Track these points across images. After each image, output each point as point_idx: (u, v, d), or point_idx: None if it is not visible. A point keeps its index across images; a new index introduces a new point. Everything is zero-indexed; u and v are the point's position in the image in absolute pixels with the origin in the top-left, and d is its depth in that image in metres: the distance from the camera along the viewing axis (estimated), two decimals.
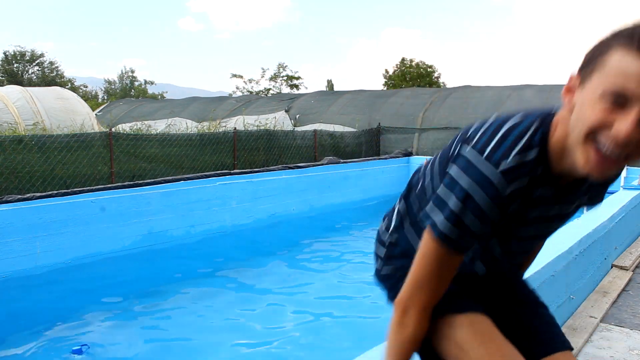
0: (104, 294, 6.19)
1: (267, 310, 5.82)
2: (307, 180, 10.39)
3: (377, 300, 6.19)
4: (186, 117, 24.28)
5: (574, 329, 3.91)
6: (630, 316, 4.35)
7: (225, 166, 12.58)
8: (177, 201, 8.10)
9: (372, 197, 12.06)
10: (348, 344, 4.86)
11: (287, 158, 14.34)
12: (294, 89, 45.84)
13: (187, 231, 8.22)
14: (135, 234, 7.56)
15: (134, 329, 5.25)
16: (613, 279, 5.27)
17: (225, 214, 8.77)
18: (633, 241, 6.82)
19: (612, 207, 5.83)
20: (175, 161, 11.79)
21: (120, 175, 10.59)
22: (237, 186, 8.99)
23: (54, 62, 49.33)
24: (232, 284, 6.56)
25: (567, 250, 3.93)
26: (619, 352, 3.63)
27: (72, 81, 51.43)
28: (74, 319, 5.50)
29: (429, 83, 42.47)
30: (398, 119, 19.54)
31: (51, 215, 6.66)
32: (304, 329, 5.32)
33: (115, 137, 10.71)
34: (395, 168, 13.08)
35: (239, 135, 13.41)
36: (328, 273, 7.22)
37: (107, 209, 7.23)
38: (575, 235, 4.34)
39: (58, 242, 6.71)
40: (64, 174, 9.71)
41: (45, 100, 16.10)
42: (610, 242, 5.51)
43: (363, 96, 22.56)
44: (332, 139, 16.78)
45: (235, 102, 26.17)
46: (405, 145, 17.41)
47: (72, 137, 9.93)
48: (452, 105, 19.39)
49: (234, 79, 51.18)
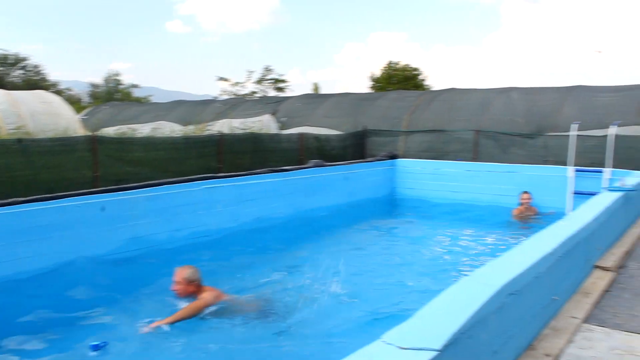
0: (89, 299, 6.15)
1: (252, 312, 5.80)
2: (293, 184, 10.38)
3: (362, 304, 6.22)
4: (172, 120, 24.21)
5: (556, 329, 3.95)
6: (612, 316, 4.40)
7: (211, 170, 12.53)
8: (162, 205, 8.06)
9: (358, 200, 12.07)
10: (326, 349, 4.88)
11: (273, 161, 14.33)
12: (280, 92, 45.80)
13: (172, 235, 8.18)
14: (119, 239, 7.51)
15: (124, 332, 5.22)
16: (595, 279, 5.32)
17: (210, 217, 8.74)
18: (615, 242, 6.89)
19: (595, 209, 5.89)
20: (161, 165, 11.74)
21: (104, 179, 10.53)
22: (222, 190, 8.96)
23: (38, 65, 48.93)
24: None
25: (550, 252, 3.96)
26: (600, 352, 3.67)
27: (57, 84, 50.98)
28: (60, 324, 5.47)
29: (415, 86, 42.60)
30: (384, 121, 19.61)
31: (34, 220, 6.59)
32: (288, 333, 5.32)
33: (99, 140, 10.66)
34: (382, 171, 13.10)
35: (224, 138, 13.39)
36: (313, 277, 7.22)
37: (92, 214, 7.17)
38: (558, 237, 4.38)
39: (41, 248, 6.64)
40: (48, 178, 9.64)
41: (29, 104, 15.99)
42: (593, 243, 5.57)
43: (349, 99, 22.61)
44: (318, 142, 16.80)
45: (221, 105, 26.12)
46: (391, 148, 17.45)
47: (56, 141, 9.87)
48: (438, 108, 19.49)
49: (220, 82, 51.02)
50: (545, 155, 15.44)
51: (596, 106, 16.58)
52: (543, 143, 15.68)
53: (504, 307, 3.08)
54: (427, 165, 13.23)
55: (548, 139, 15.67)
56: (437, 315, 2.66)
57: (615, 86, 18.14)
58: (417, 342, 2.31)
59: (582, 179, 11.08)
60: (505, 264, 3.57)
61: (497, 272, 3.35)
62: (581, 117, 15.54)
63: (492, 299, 2.91)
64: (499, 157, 15.91)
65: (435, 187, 12.75)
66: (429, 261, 7.96)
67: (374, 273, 7.34)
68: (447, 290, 3.03)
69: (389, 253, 8.57)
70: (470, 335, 2.61)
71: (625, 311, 4.55)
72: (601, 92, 17.61)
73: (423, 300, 2.77)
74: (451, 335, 2.39)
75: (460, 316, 2.59)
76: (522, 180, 11.68)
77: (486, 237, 9.78)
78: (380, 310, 5.99)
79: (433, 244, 9.22)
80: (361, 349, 2.27)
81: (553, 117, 16.71)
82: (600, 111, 16.22)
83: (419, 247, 9.00)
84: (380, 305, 6.12)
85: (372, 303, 6.21)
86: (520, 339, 3.47)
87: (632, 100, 16.18)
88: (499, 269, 3.43)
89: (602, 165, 12.31)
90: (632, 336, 3.98)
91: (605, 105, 16.44)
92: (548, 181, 11.44)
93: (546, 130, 16.28)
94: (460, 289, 3.08)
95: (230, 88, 46.58)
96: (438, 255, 8.40)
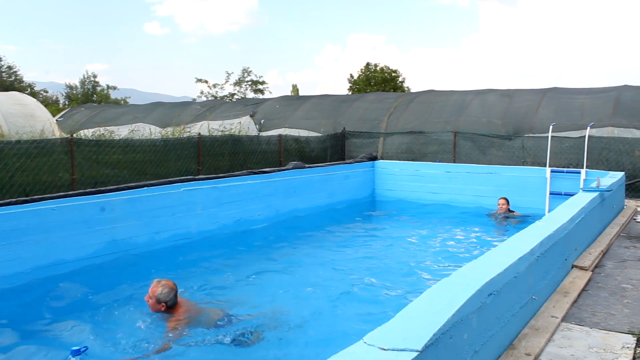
0: (71, 303, 6.08)
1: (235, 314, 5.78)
2: (273, 186, 10.36)
3: (342, 305, 6.22)
4: (150, 122, 24.01)
5: (536, 329, 3.98)
6: (590, 315, 4.45)
7: (190, 172, 12.47)
8: (141, 208, 7.98)
9: (338, 201, 12.08)
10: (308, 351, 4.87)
11: (252, 163, 14.31)
12: (258, 94, 45.66)
13: (152, 238, 8.11)
14: (98, 242, 7.42)
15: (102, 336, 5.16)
16: (573, 279, 5.39)
17: (190, 220, 8.68)
18: (592, 242, 6.98)
19: (571, 209, 5.96)
20: (139, 167, 11.65)
21: (82, 182, 10.41)
22: (202, 192, 8.90)
23: (13, 66, 48.12)
24: (198, 291, 6.49)
25: (528, 252, 4.00)
26: (579, 350, 3.71)
27: (32, 86, 50.15)
28: (38, 327, 5.39)
29: (394, 88, 42.78)
30: (363, 123, 19.67)
31: (10, 224, 6.49)
32: (268, 338, 5.31)
33: (76, 143, 10.53)
34: (361, 172, 13.13)
35: (203, 140, 13.33)
36: (294, 278, 7.22)
37: (69, 217, 7.07)
38: (536, 237, 4.43)
39: (17, 251, 6.54)
40: (23, 181, 9.50)
41: (3, 106, 15.73)
42: (570, 243, 5.64)
43: (328, 101, 22.65)
44: (297, 144, 16.79)
45: (199, 107, 25.99)
46: (370, 150, 17.51)
47: (31, 144, 9.73)
48: (416, 109, 19.60)
49: (199, 84, 50.63)
50: (523, 156, 15.62)
51: (572, 108, 16.81)
52: (521, 144, 15.85)
53: (484, 306, 3.10)
54: (407, 167, 13.29)
55: (525, 140, 15.84)
56: (418, 316, 2.67)
57: (590, 88, 18.41)
58: (398, 343, 2.31)
59: (559, 179, 11.21)
60: (484, 264, 3.60)
61: (476, 272, 3.37)
62: (557, 118, 15.75)
63: (472, 298, 2.93)
64: (477, 158, 16.04)
65: (414, 188, 12.80)
66: (409, 262, 7.98)
67: (353, 274, 7.35)
68: (428, 291, 3.04)
69: (368, 254, 8.57)
70: (451, 335, 2.62)
71: (602, 310, 4.61)
72: (576, 93, 17.86)
73: (404, 301, 2.78)
74: (432, 336, 2.40)
75: (441, 316, 2.60)
76: (501, 182, 11.77)
77: (466, 238, 9.84)
78: (361, 311, 5.99)
79: (413, 245, 9.26)
80: (343, 350, 2.27)
81: (529, 119, 16.90)
82: (575, 113, 16.45)
83: (398, 248, 9.03)
84: (361, 307, 6.12)
85: (352, 304, 6.21)
86: (501, 338, 3.49)
87: (607, 101, 16.43)
88: (478, 269, 3.45)
89: (579, 166, 12.47)
90: (609, 334, 4.03)
91: (581, 107, 16.68)
92: (527, 182, 11.55)
93: (523, 131, 16.46)
94: (441, 289, 3.10)
95: (208, 90, 46.36)
96: (418, 256, 8.43)
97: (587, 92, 17.82)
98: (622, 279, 5.64)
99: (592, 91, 17.88)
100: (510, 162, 15.26)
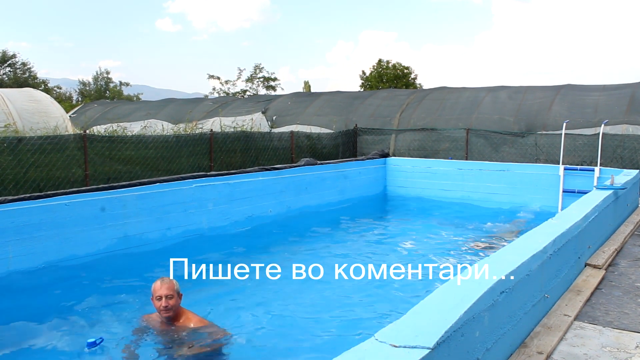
0: (84, 297, 6.12)
1: (241, 312, 5.80)
2: (284, 182, 10.37)
3: (355, 301, 6.22)
4: (162, 118, 24.08)
5: (548, 327, 3.95)
6: (603, 314, 4.42)
7: (202, 168, 12.50)
8: (153, 204, 8.02)
9: (349, 198, 12.08)
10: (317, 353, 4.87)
11: (264, 159, 14.32)
12: (270, 91, 45.73)
13: (164, 234, 8.15)
14: (110, 237, 7.47)
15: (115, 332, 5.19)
16: (587, 277, 5.34)
17: (201, 216, 8.71)
18: (606, 240, 6.92)
19: (585, 207, 5.91)
20: (151, 163, 11.69)
21: (94, 177, 10.47)
22: (213, 188, 8.93)
23: (27, 63, 48.47)
24: (209, 288, 6.51)
25: (541, 249, 3.97)
26: (592, 349, 3.68)
27: (46, 82, 50.53)
28: (54, 322, 5.44)
29: (406, 84, 42.67)
30: (375, 120, 19.62)
31: (24, 219, 6.54)
32: (280, 329, 5.32)
33: (89, 139, 10.59)
34: (373, 169, 13.11)
35: (215, 137, 13.35)
36: (304, 275, 7.21)
37: (82, 212, 7.12)
38: (549, 235, 4.39)
39: (31, 247, 6.60)
40: (37, 176, 9.57)
41: (18, 102, 15.85)
42: (583, 241, 5.59)
43: (340, 97, 22.60)
44: (309, 141, 16.78)
45: (211, 103, 26.03)
46: (382, 147, 17.47)
47: (45, 140, 9.79)
48: (429, 106, 19.52)
49: (211, 80, 50.84)
50: (536, 153, 15.51)
51: (585, 105, 16.66)
52: (534, 142, 15.74)
53: (496, 304, 3.08)
54: (419, 164, 13.25)
55: (539, 137, 15.73)
56: (429, 313, 2.66)
57: (604, 85, 18.23)
58: (410, 340, 2.30)
59: (572, 177, 11.13)
60: (497, 262, 3.57)
61: (489, 270, 3.35)
62: (570, 115, 15.62)
63: (485, 296, 2.91)
64: (490, 155, 15.96)
65: (427, 185, 12.77)
66: (421, 258, 7.96)
67: (364, 271, 7.34)
68: (439, 288, 3.03)
69: (379, 251, 8.57)
70: (463, 333, 2.61)
71: (616, 309, 4.57)
72: (590, 90, 17.70)
73: (415, 298, 2.76)
74: (444, 333, 2.39)
75: (452, 314, 2.59)
76: (514, 179, 11.71)
77: (478, 235, 9.80)
78: (372, 308, 5.99)
79: (424, 242, 9.23)
80: (354, 347, 2.26)
81: (542, 116, 16.78)
82: (589, 110, 16.30)
83: (410, 244, 9.02)
84: (373, 303, 6.12)
85: (365, 301, 6.21)
86: (512, 336, 3.47)
87: (621, 98, 16.27)
88: (491, 267, 3.43)
89: (592, 164, 12.38)
90: (623, 333, 3.99)
91: (595, 104, 16.53)
92: (540, 180, 11.48)
93: (535, 128, 16.35)
94: (453, 286, 3.08)
95: (220, 86, 46.49)
96: (430, 253, 8.41)
97: (601, 89, 17.64)
98: (636, 277, 5.58)
99: (607, 88, 17.71)
100: (523, 159, 15.17)
